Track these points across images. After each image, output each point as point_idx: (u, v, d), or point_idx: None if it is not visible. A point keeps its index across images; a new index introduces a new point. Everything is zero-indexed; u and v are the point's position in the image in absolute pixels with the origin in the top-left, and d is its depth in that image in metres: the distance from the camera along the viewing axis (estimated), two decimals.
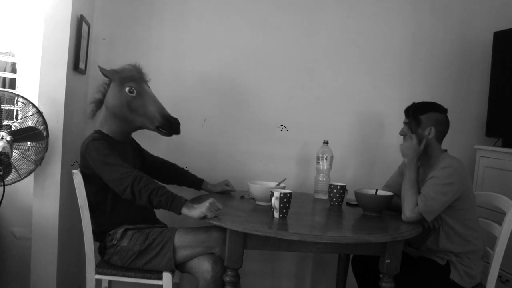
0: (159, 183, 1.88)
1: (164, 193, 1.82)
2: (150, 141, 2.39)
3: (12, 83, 2.32)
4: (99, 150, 1.89)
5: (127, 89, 1.99)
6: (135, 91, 2.00)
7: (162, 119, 2.03)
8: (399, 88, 2.77)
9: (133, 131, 2.12)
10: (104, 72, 2.03)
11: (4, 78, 2.37)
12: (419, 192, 1.92)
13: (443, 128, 2.04)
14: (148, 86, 2.09)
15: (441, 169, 1.92)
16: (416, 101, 2.09)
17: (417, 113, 2.04)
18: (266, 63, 2.68)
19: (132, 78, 2.01)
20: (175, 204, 1.80)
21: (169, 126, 2.05)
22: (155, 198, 1.81)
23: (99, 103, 2.07)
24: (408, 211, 1.90)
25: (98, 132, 2.02)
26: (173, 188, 2.16)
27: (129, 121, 2.03)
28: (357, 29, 2.73)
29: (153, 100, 2.05)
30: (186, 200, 1.83)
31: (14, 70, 2.33)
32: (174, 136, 2.10)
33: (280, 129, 2.61)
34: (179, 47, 2.61)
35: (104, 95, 2.05)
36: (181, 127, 2.08)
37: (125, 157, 2.00)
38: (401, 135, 2.11)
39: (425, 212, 1.88)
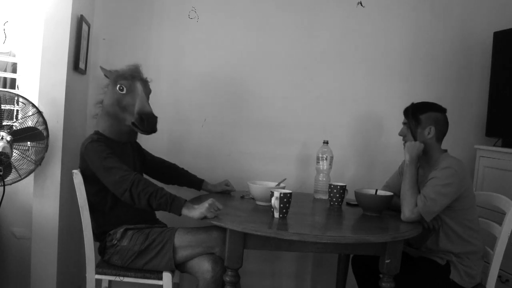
0: (157, 185, 1.87)
1: (163, 195, 1.81)
2: (150, 141, 2.38)
3: (13, 83, 2.32)
4: (98, 152, 1.89)
5: (117, 86, 1.98)
6: (125, 88, 1.97)
7: (137, 115, 1.94)
8: (399, 88, 2.77)
9: (128, 130, 2.04)
10: (104, 72, 2.04)
11: (5, 78, 2.37)
12: (419, 192, 1.93)
13: (442, 127, 2.04)
14: (144, 85, 2.03)
15: (442, 169, 1.92)
16: (415, 102, 2.10)
17: (416, 112, 2.04)
18: (266, 63, 2.68)
19: (124, 77, 1.99)
20: (175, 206, 1.80)
21: (141, 122, 1.94)
22: (155, 200, 1.80)
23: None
24: (407, 211, 1.90)
25: (97, 133, 2.02)
26: (173, 189, 2.16)
27: (120, 119, 2.00)
28: (357, 29, 2.73)
29: (140, 99, 1.98)
30: (186, 200, 1.83)
31: (14, 70, 2.33)
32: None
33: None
34: (179, 47, 2.61)
35: None
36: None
37: (124, 158, 1.99)
38: (400, 135, 2.12)
39: (424, 212, 1.88)
